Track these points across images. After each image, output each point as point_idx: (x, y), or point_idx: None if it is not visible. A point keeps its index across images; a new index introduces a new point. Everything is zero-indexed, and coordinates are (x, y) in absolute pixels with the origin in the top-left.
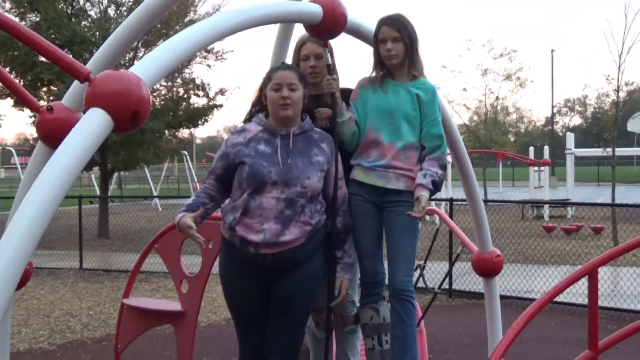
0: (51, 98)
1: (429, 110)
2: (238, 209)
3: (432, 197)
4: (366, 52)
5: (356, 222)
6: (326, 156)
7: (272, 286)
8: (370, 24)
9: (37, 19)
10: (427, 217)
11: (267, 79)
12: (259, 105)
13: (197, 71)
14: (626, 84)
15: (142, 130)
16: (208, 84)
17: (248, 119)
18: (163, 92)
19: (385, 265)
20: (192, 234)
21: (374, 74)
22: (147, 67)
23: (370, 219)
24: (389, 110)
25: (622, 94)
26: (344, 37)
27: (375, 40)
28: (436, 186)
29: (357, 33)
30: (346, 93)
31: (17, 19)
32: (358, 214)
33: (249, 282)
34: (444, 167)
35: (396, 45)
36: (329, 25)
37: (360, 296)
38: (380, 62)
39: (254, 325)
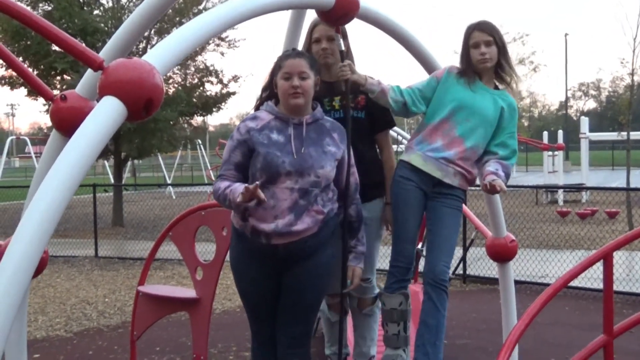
0: (64, 87)
1: (509, 124)
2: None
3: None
4: (377, 38)
5: (404, 207)
6: (337, 146)
7: (283, 275)
8: (382, 10)
9: (50, 8)
10: None
11: (278, 66)
12: (269, 91)
13: (210, 59)
14: None
15: (155, 119)
16: (221, 71)
17: (259, 105)
18: (177, 80)
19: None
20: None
21: (464, 68)
22: (160, 55)
23: (418, 205)
24: (473, 108)
25: (637, 77)
26: (357, 23)
27: (466, 46)
28: (503, 181)
29: (369, 19)
30: None
31: (29, 8)
32: (407, 199)
33: (260, 272)
34: (508, 175)
35: (489, 49)
36: (341, 11)
37: (388, 280)
38: (470, 67)
39: (266, 313)
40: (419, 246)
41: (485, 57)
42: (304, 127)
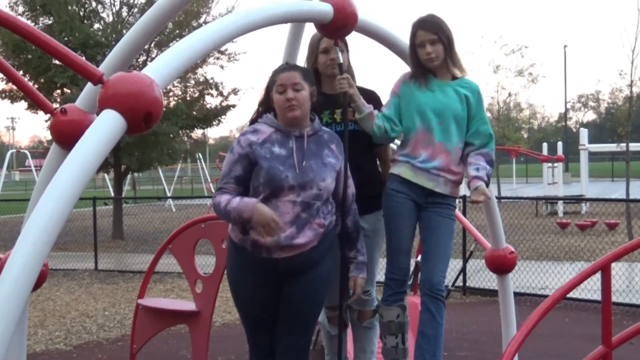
0: (64, 101)
1: (477, 110)
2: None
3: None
4: (377, 50)
5: (397, 219)
6: (336, 157)
7: (282, 288)
8: (381, 23)
9: (50, 22)
10: None
11: (272, 81)
12: (266, 105)
13: (210, 72)
14: None
15: (155, 132)
16: (222, 83)
17: (255, 118)
18: (177, 93)
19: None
20: (276, 229)
21: (415, 71)
22: (160, 68)
23: (410, 217)
24: (437, 109)
25: (635, 89)
26: (356, 36)
27: (413, 45)
28: (488, 178)
29: (368, 31)
30: (362, 93)
31: (30, 22)
32: (399, 211)
33: (259, 286)
34: (491, 163)
35: (435, 48)
36: (339, 23)
37: (385, 293)
38: (419, 66)
39: (265, 326)
40: (418, 258)
41: (431, 56)
42: (305, 139)
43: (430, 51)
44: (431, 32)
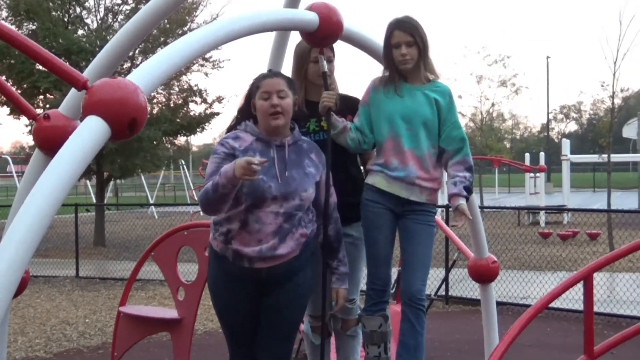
0: (47, 106)
1: (447, 113)
2: (234, 221)
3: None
4: (363, 59)
5: (373, 229)
6: (316, 167)
7: (264, 297)
8: (366, 32)
9: (34, 27)
10: None
11: (255, 87)
12: (245, 112)
13: (195, 79)
14: (621, 90)
15: (139, 138)
16: (205, 90)
17: (233, 126)
18: (161, 100)
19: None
20: (255, 168)
21: (385, 74)
22: (145, 74)
23: (389, 226)
24: (406, 115)
25: (617, 100)
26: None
27: (387, 45)
28: (469, 190)
29: (353, 40)
30: (346, 100)
31: (14, 27)
32: (377, 221)
33: (240, 295)
34: (470, 169)
35: (410, 50)
36: (325, 32)
37: (366, 303)
38: (392, 66)
39: (246, 336)
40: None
41: (406, 58)
42: (286, 149)
43: (406, 52)
44: (408, 34)
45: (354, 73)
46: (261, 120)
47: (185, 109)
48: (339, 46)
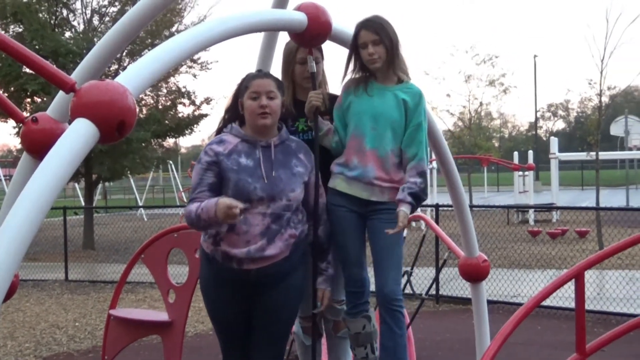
0: (35, 109)
1: (413, 115)
2: (222, 224)
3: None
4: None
5: (341, 233)
6: (304, 167)
7: (255, 299)
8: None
9: (21, 30)
10: (414, 223)
11: (244, 87)
12: (232, 112)
13: (183, 80)
14: (609, 88)
15: (128, 139)
16: (194, 92)
17: (221, 127)
18: (149, 102)
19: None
20: (235, 212)
21: (357, 76)
22: (133, 76)
23: (355, 228)
24: (373, 114)
25: (604, 98)
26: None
27: (355, 45)
28: (417, 196)
29: (342, 40)
30: (334, 100)
31: (0, 30)
32: (343, 225)
33: (231, 296)
34: (422, 174)
35: (377, 49)
36: (313, 32)
37: (347, 306)
38: (362, 66)
39: (238, 337)
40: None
41: (374, 57)
42: (272, 149)
43: (373, 52)
44: (373, 33)
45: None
46: (248, 120)
47: (173, 110)
48: (329, 46)
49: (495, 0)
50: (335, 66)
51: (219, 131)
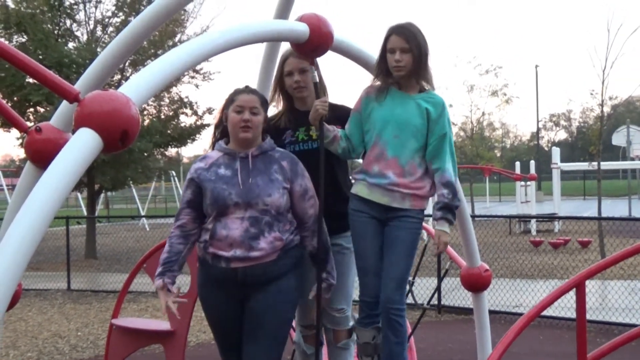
0: (38, 119)
1: (436, 125)
2: (208, 231)
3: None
4: (354, 70)
5: (361, 240)
6: (285, 174)
7: (245, 302)
8: (356, 42)
9: (24, 40)
10: None
11: (230, 100)
12: (222, 128)
13: (185, 90)
14: (610, 98)
15: (130, 149)
16: (196, 103)
17: (213, 144)
18: (152, 112)
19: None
20: (170, 312)
21: (378, 83)
22: (136, 86)
23: (374, 235)
24: (396, 122)
25: (606, 108)
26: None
27: (383, 49)
28: (447, 208)
29: (344, 51)
30: (334, 109)
31: (4, 40)
32: (362, 231)
33: (223, 298)
34: (447, 185)
35: (404, 56)
36: (315, 43)
37: (359, 314)
38: (386, 70)
39: (233, 342)
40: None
41: (400, 64)
42: (250, 159)
43: (400, 59)
44: (404, 40)
45: (344, 83)
46: (231, 131)
47: (175, 120)
48: (330, 56)
49: (497, 10)
50: (337, 77)
51: (212, 147)
